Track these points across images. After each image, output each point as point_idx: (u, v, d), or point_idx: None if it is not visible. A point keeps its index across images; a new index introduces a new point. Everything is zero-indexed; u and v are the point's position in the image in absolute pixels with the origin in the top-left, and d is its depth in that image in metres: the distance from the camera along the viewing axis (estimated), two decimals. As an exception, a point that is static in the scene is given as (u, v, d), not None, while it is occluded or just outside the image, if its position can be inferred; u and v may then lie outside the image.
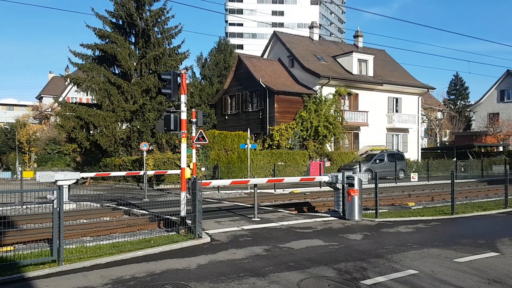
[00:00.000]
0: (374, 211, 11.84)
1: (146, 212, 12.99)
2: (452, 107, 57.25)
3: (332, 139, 31.33)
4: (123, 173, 23.02)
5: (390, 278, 6.11)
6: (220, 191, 20.62)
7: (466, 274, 6.27)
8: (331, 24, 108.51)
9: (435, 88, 41.55)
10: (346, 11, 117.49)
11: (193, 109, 19.04)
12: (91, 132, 29.09)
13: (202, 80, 41.03)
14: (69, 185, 14.88)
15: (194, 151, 18.99)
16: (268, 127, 30.72)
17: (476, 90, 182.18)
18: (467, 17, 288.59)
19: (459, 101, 58.28)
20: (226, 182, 11.15)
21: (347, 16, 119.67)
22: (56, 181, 14.39)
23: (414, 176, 14.80)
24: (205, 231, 9.37)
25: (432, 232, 9.81)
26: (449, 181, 12.76)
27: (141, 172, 20.49)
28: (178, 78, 9.66)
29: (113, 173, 22.55)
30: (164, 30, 30.87)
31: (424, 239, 8.84)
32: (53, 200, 6.97)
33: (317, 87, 31.71)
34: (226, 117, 35.63)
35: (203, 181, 9.53)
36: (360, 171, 23.76)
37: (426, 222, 11.07)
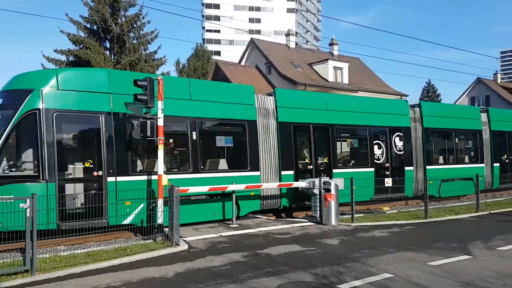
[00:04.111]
0: (351, 216, 11.99)
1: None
2: (425, 114, 58.63)
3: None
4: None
5: (366, 282, 6.21)
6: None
7: (440, 277, 6.43)
8: (307, 32, 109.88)
9: (408, 95, 42.52)
10: (322, 20, 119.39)
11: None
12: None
13: (180, 86, 40.82)
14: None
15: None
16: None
17: (448, 97, 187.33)
18: (440, 26, 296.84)
19: (431, 108, 59.80)
20: (204, 188, 11.07)
21: (322, 24, 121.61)
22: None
23: (389, 181, 15.03)
24: (183, 239, 9.30)
25: (407, 236, 10.02)
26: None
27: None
28: (155, 83, 9.61)
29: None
30: (140, 35, 30.60)
31: (399, 243, 9.02)
32: (26, 209, 6.80)
33: (294, 94, 31.99)
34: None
35: (180, 188, 9.45)
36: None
37: (401, 226, 11.29)
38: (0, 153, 9.12)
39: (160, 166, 9.66)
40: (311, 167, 13.74)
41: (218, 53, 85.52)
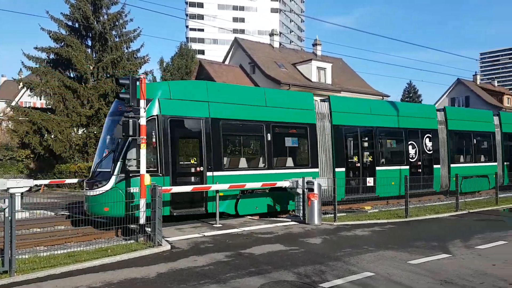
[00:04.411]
0: (333, 215, 12.09)
1: (103, 220, 12.62)
2: (406, 114, 59.45)
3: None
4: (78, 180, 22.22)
5: (347, 280, 6.27)
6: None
7: (420, 276, 6.54)
8: (291, 32, 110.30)
9: (389, 96, 43.05)
10: (306, 20, 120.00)
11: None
12: (45, 137, 28.03)
13: (163, 85, 40.53)
14: (22, 193, 14.21)
15: (154, 157, 18.66)
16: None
17: (429, 97, 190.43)
18: (422, 28, 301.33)
19: (412, 108, 60.61)
20: (188, 188, 11.03)
21: (306, 24, 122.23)
22: (8, 188, 13.72)
23: (370, 181, 15.25)
24: (165, 239, 9.24)
25: (388, 235, 10.16)
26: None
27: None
28: (137, 82, 9.52)
29: (68, 180, 21.72)
30: (122, 33, 30.28)
31: (380, 242, 9.14)
32: (4, 209, 6.66)
33: (278, 94, 32.08)
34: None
35: (163, 187, 9.40)
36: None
37: (382, 225, 11.44)
38: (127, 153, 10.88)
39: (142, 165, 9.58)
40: (359, 164, 15.55)
41: (202, 52, 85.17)
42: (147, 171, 10.13)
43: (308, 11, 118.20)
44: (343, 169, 14.92)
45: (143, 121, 9.54)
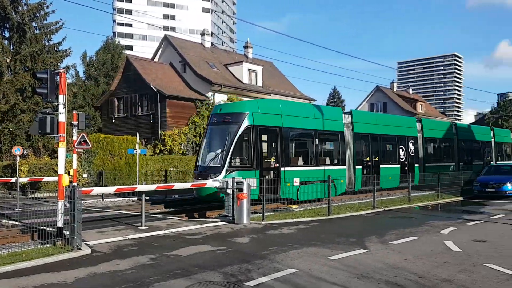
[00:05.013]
0: (261, 214, 12.30)
1: (18, 223, 11.74)
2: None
3: (224, 145, 31.77)
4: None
5: (272, 278, 6.41)
6: (104, 199, 19.49)
7: (339, 270, 6.87)
8: (223, 33, 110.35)
9: (316, 100, 44.71)
10: (237, 22, 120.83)
11: (75, 111, 17.78)
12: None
13: (87, 80, 38.44)
14: None
15: (75, 156, 17.69)
16: (159, 132, 29.99)
17: (351, 103, 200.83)
18: (346, 37, 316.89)
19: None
20: (111, 189, 10.63)
21: (238, 27, 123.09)
22: None
23: (296, 180, 15.86)
24: (86, 242, 8.80)
25: (311, 232, 10.56)
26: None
27: (13, 179, 18.53)
28: (57, 77, 8.96)
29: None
30: (43, 25, 28.41)
31: (304, 239, 9.47)
32: None
33: (209, 94, 31.94)
34: (113, 120, 33.90)
35: (83, 188, 8.93)
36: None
37: (306, 223, 11.87)
38: (232, 154, 14.49)
39: (61, 165, 9.03)
40: (370, 163, 19.83)
41: (130, 47, 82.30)
42: (243, 167, 14.52)
43: (239, 13, 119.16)
44: (360, 167, 19.15)
45: (62, 118, 9.00)
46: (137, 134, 21.40)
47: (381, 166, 20.17)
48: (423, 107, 62.14)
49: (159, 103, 30.31)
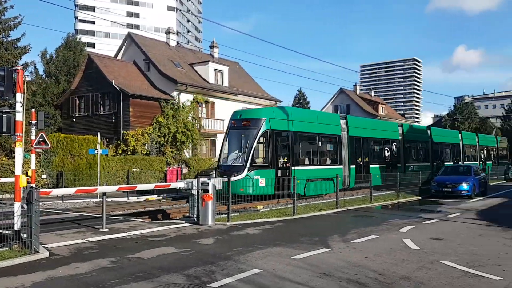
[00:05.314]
0: (227, 215, 12.27)
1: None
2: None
3: (190, 145, 31.49)
4: None
5: (236, 278, 6.42)
6: (64, 201, 18.88)
7: (302, 270, 6.97)
8: (188, 32, 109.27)
9: (282, 101, 45.13)
10: (204, 22, 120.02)
11: (33, 110, 17.12)
12: None
13: (47, 78, 37.08)
14: None
15: (33, 156, 17.03)
16: (122, 131, 29.36)
17: (317, 104, 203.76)
18: (311, 39, 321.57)
19: (303, 113, 64.02)
20: (70, 190, 10.29)
21: (204, 26, 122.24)
22: None
23: (262, 181, 16.02)
24: (44, 246, 8.49)
25: (276, 232, 10.65)
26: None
27: (-35, 181, 17.60)
28: (14, 74, 8.60)
29: None
30: (1, 21, 27.24)
31: (269, 239, 9.54)
32: None
33: (174, 93, 31.57)
34: (74, 120, 32.92)
35: (42, 189, 8.62)
36: (215, 177, 24.35)
37: (272, 223, 11.96)
38: (253, 155, 16.63)
39: (18, 165, 8.68)
40: (361, 163, 22.05)
41: (92, 45, 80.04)
42: (261, 167, 16.81)
43: (205, 13, 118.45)
44: (354, 166, 21.38)
45: (19, 117, 8.65)
46: (99, 134, 20.86)
47: (370, 166, 22.56)
48: (384, 110, 63.97)
49: (121, 102, 29.69)
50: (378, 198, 18.42)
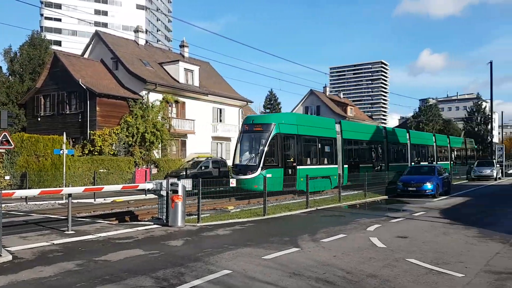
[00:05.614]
0: (197, 216, 12.19)
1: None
2: (268, 119, 62.99)
3: (160, 146, 31.08)
4: None
5: (205, 280, 6.38)
6: (28, 203, 18.25)
7: (272, 269, 7.00)
8: (158, 31, 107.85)
9: (253, 102, 45.36)
10: (173, 21, 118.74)
11: (-5, 109, 16.47)
12: None
13: (11, 77, 35.76)
14: None
15: (-6, 157, 16.39)
16: (89, 131, 28.67)
17: (287, 105, 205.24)
18: (282, 40, 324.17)
19: (273, 114, 64.32)
20: (35, 192, 9.94)
21: (174, 25, 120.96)
22: None
23: (233, 182, 15.97)
24: (6, 249, 8.17)
25: (247, 233, 10.66)
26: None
27: None
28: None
29: None
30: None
31: (239, 240, 9.53)
32: None
33: (143, 93, 31.09)
34: (39, 119, 31.89)
35: (4, 191, 8.29)
36: (186, 178, 24.14)
37: (242, 224, 11.96)
38: (265, 156, 18.55)
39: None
40: (353, 163, 24.37)
41: (58, 43, 77.81)
42: (272, 166, 18.70)
43: (175, 12, 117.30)
44: (347, 166, 23.59)
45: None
46: (64, 134, 20.27)
47: (360, 165, 24.85)
48: (353, 111, 65.21)
49: (88, 102, 29.01)
50: (346, 198, 18.75)
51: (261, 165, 18.38)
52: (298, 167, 19.81)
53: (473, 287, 6.20)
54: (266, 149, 18.57)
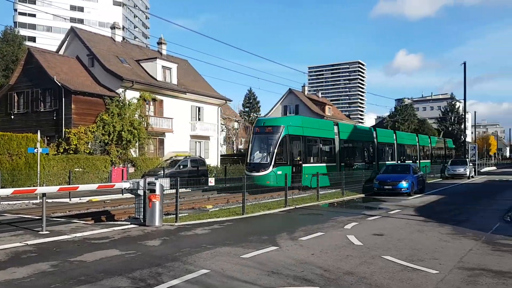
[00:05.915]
0: (175, 215, 12.08)
1: None
2: (247, 118, 63.07)
3: (137, 144, 30.65)
4: None
5: (183, 280, 6.33)
6: (1, 202, 17.72)
7: (250, 268, 7.01)
8: (135, 28, 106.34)
9: (232, 101, 45.26)
10: (151, 18, 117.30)
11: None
12: None
13: (-18, 73, 34.68)
14: None
15: (-36, 156, 15.87)
16: (64, 129, 28.04)
17: (266, 104, 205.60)
18: (260, 39, 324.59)
19: (252, 113, 64.18)
20: (8, 191, 9.68)
21: (152, 23, 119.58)
22: None
23: (212, 181, 16.05)
24: (-24, 251, 7.93)
25: (225, 232, 10.64)
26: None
27: None
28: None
29: None
30: None
31: (218, 239, 9.51)
32: None
33: (120, 90, 30.61)
34: (12, 117, 31.02)
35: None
36: (164, 177, 23.90)
37: (221, 223, 11.93)
38: (276, 155, 20.73)
39: None
40: (349, 161, 26.73)
41: (33, 39, 75.92)
42: (282, 164, 20.63)
43: (153, 9, 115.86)
44: (343, 164, 25.66)
45: None
46: (39, 132, 19.77)
47: (354, 164, 27.21)
48: (331, 110, 65.84)
49: (63, 99, 28.38)
50: (324, 196, 18.92)
51: (272, 163, 20.46)
52: (304, 165, 22.02)
53: (447, 283, 6.35)
54: (276, 149, 20.69)
